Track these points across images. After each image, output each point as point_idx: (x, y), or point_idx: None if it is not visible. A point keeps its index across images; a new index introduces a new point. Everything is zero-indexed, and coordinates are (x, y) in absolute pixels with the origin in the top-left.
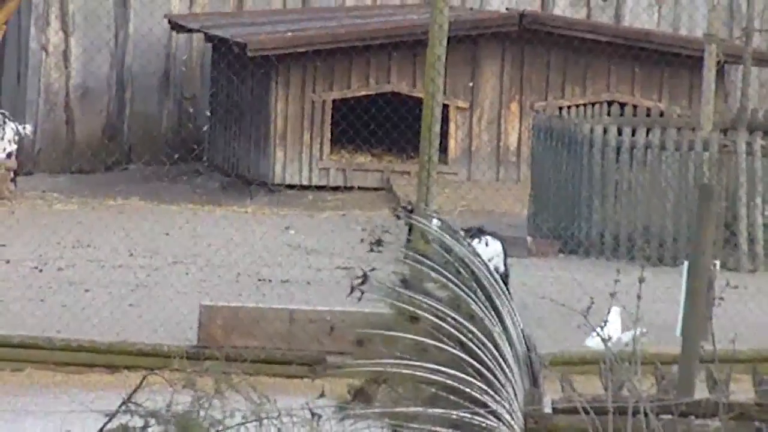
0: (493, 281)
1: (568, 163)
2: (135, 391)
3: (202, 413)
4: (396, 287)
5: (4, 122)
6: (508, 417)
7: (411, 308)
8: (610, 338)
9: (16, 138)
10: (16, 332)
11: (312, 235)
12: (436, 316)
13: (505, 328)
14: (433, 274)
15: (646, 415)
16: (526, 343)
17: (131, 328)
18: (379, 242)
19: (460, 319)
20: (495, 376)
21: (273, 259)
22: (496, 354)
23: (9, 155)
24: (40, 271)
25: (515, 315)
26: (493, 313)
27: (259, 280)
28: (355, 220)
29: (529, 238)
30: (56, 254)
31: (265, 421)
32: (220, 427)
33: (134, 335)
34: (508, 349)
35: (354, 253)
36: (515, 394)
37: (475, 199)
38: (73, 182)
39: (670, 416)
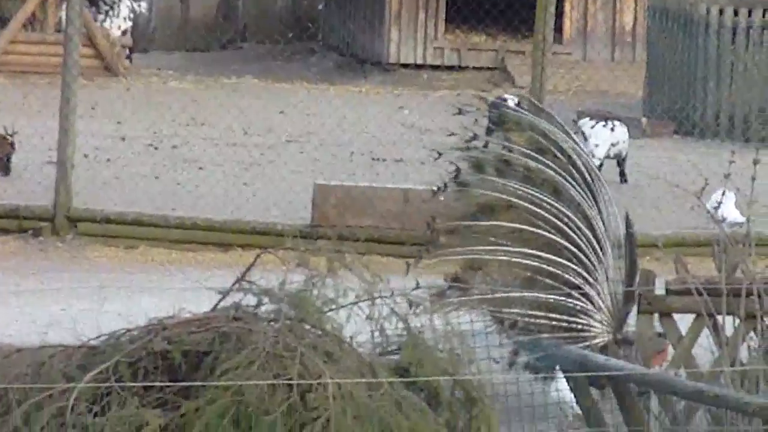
0: (588, 165)
1: (683, 44)
2: (248, 269)
3: (314, 292)
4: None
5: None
6: (598, 299)
7: (506, 196)
8: (724, 219)
9: (131, 15)
10: (131, 209)
11: (426, 114)
12: (533, 203)
13: (600, 212)
14: (531, 163)
15: (759, 296)
16: (627, 223)
17: (245, 207)
18: (460, 112)
19: (557, 204)
20: (589, 259)
21: (387, 139)
22: (591, 237)
23: (124, 32)
24: (155, 148)
25: (609, 197)
26: (590, 195)
27: (373, 159)
28: (469, 99)
29: (644, 119)
30: (171, 132)
31: (378, 301)
32: (333, 306)
33: (248, 214)
34: (603, 231)
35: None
36: (607, 277)
37: (589, 80)
38: (187, 60)
39: None
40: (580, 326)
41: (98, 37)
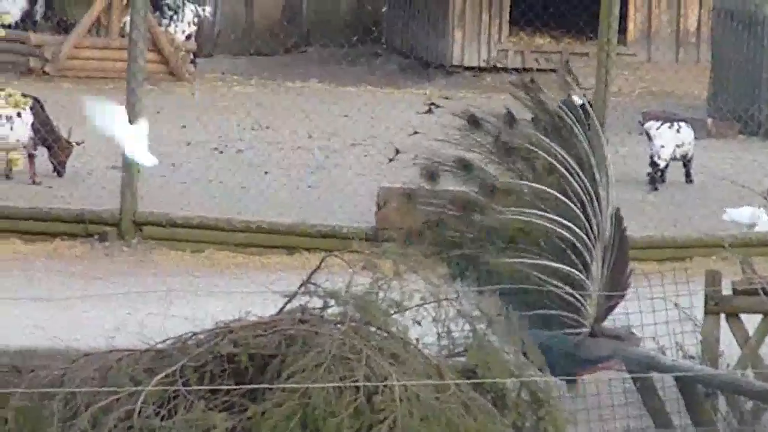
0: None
1: (748, 45)
2: (314, 272)
3: (380, 294)
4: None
5: (184, 4)
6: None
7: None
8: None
9: (196, 20)
10: (196, 214)
11: None
12: (569, 173)
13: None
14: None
15: None
16: (617, 220)
17: (310, 210)
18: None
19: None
20: (591, 245)
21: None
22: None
23: (188, 37)
24: (220, 152)
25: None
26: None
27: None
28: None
29: (708, 120)
30: (235, 136)
31: (443, 303)
32: (399, 309)
33: (313, 217)
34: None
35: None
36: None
37: (654, 81)
38: (251, 64)
39: None
40: (576, 307)
41: (163, 42)
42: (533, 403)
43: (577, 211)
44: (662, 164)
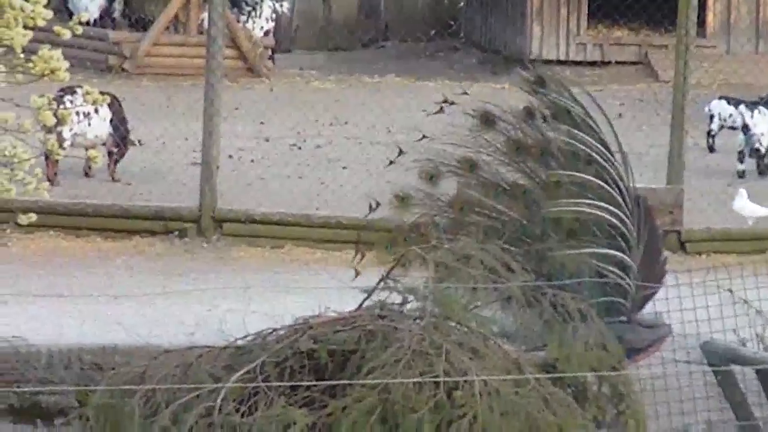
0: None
1: None
2: (393, 267)
3: (459, 290)
4: None
5: (262, 0)
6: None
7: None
8: None
9: (274, 16)
10: (275, 209)
11: None
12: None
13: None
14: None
15: None
16: (645, 209)
17: (389, 206)
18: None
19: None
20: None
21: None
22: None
23: (267, 33)
24: (299, 148)
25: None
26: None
27: None
28: (612, 95)
29: None
30: (314, 131)
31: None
32: (479, 303)
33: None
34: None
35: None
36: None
37: (733, 73)
38: (329, 60)
39: None
40: (627, 292)
41: (241, 38)
42: (613, 397)
43: (618, 197)
44: (762, 151)
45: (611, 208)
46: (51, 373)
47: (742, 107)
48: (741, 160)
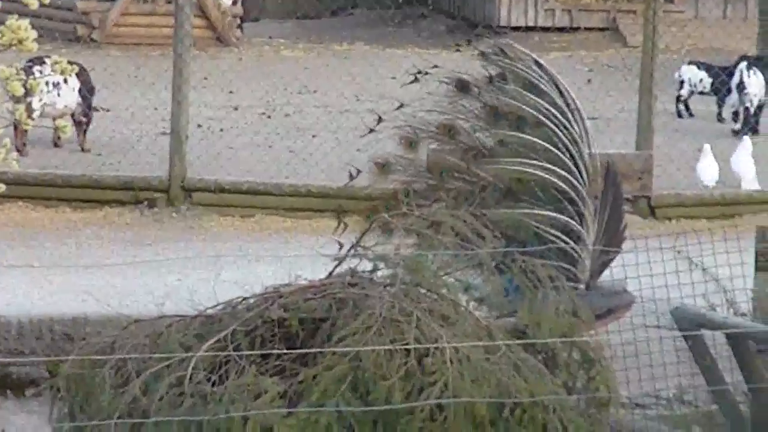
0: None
1: None
2: (363, 234)
3: (430, 256)
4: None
5: None
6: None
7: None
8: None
9: None
10: (245, 178)
11: None
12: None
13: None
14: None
15: None
16: (610, 173)
17: (360, 173)
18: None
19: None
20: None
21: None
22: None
23: (235, 2)
24: (268, 117)
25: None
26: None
27: None
28: (580, 60)
29: None
30: (283, 100)
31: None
32: (449, 270)
33: (362, 180)
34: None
35: (580, 93)
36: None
37: (701, 37)
38: (298, 28)
39: None
40: (575, 259)
41: (209, 8)
42: (584, 363)
43: (569, 162)
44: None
45: (560, 171)
46: (21, 343)
47: (742, 65)
48: (735, 119)
